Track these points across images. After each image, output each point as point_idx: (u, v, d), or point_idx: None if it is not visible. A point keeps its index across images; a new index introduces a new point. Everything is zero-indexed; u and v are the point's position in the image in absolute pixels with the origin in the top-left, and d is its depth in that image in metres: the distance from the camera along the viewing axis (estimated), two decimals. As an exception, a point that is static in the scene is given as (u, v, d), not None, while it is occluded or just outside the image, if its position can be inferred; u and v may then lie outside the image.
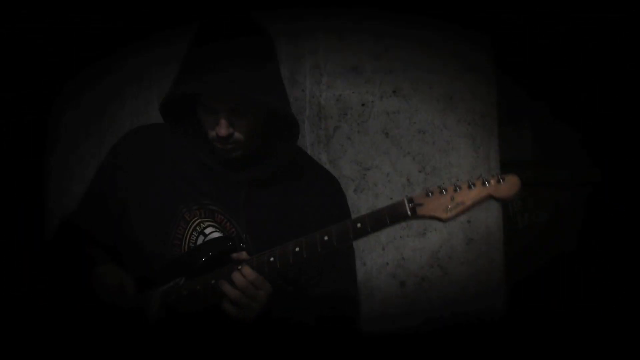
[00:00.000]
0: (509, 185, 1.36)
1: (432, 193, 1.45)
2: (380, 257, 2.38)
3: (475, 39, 2.41)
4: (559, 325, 2.47)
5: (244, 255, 1.72)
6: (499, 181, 1.37)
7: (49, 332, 1.83)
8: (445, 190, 1.43)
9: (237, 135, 1.77)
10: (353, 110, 2.41)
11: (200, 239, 1.85)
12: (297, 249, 1.64)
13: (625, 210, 2.65)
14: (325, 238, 1.61)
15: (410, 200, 1.48)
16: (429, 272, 2.35)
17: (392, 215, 1.52)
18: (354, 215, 2.30)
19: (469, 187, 1.39)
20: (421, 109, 2.40)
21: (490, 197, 1.37)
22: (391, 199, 2.37)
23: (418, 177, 2.39)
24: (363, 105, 2.41)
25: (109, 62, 2.49)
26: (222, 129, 1.74)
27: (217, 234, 1.86)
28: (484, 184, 1.38)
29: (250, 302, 1.67)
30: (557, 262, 2.62)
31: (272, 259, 1.67)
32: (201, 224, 1.86)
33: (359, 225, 1.57)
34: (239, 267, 1.69)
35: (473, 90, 2.41)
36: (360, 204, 2.38)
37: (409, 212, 1.48)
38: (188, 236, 1.86)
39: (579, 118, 2.77)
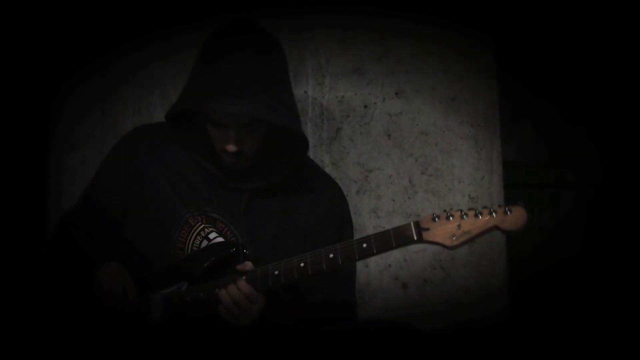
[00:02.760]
0: (516, 217, 1.37)
1: (438, 218, 1.46)
2: (382, 258, 2.38)
3: (478, 38, 2.39)
4: (561, 327, 2.49)
5: (248, 266, 1.73)
6: (505, 212, 1.37)
7: (48, 334, 1.83)
8: (452, 217, 1.43)
9: (246, 150, 1.78)
10: (355, 112, 2.41)
11: (204, 244, 1.87)
12: (302, 265, 1.66)
13: (629, 212, 2.65)
14: (331, 256, 1.62)
15: (417, 225, 1.49)
16: (431, 274, 2.37)
17: (398, 239, 1.53)
18: (355, 219, 2.34)
19: (476, 215, 1.40)
20: (423, 110, 2.40)
21: (497, 228, 1.38)
22: (393, 200, 2.38)
23: (420, 179, 2.39)
24: (365, 107, 2.40)
25: (110, 62, 2.47)
26: (231, 145, 1.75)
27: (221, 239, 1.87)
28: (490, 213, 1.38)
29: (241, 313, 1.69)
30: (559, 264, 2.63)
31: (276, 272, 1.68)
32: (205, 229, 1.87)
33: (364, 245, 1.58)
34: (237, 279, 1.70)
35: (475, 91, 2.41)
36: (363, 206, 2.39)
37: (415, 237, 1.49)
38: (192, 240, 1.87)
39: (582, 119, 2.76)
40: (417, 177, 2.39)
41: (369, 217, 2.39)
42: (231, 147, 1.76)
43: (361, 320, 2.20)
